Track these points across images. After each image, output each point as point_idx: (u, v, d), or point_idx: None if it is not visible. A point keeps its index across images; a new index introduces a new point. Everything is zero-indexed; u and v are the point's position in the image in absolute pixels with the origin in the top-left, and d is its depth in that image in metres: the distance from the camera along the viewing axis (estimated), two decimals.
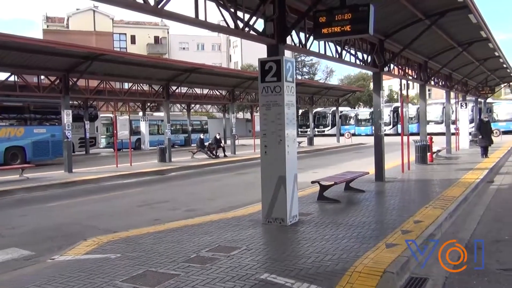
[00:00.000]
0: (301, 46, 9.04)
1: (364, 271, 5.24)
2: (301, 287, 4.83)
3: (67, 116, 18.17)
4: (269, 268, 5.48)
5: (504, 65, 24.09)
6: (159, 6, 6.08)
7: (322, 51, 10.36)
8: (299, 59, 77.22)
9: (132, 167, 20.21)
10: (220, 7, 7.24)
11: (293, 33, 8.85)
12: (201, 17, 6.73)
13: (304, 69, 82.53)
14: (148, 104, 36.24)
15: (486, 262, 6.02)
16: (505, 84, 36.54)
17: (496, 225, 8.22)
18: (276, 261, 5.75)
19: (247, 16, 7.77)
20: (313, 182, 10.18)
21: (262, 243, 6.76)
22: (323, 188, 9.99)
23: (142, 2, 5.88)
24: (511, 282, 5.29)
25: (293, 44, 8.95)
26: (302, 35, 9.21)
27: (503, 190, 12.07)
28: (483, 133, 19.59)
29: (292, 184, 7.81)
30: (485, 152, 19.39)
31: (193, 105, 41.23)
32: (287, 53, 10.70)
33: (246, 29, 7.64)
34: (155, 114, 42.05)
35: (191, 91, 31.40)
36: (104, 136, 37.55)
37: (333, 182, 9.99)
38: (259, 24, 8.20)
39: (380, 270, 5.26)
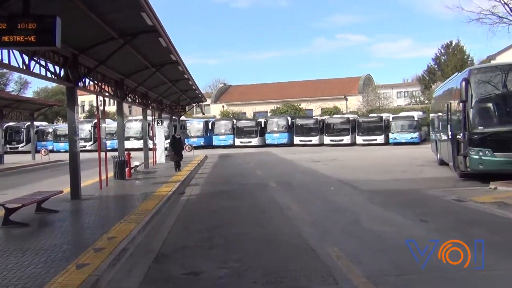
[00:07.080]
0: None
1: None
2: None
3: None
4: None
5: (193, 87, 26.79)
6: None
7: (6, 60, 9.40)
8: None
9: None
10: None
11: None
12: None
13: None
14: None
15: (171, 268, 6.49)
16: (195, 104, 40.66)
17: (183, 233, 8.98)
18: None
19: None
20: None
21: None
22: (9, 211, 9.00)
23: None
24: (194, 285, 5.83)
25: None
26: None
27: (191, 201, 13.29)
28: (175, 148, 21.38)
29: None
30: (178, 166, 21.06)
31: None
32: None
33: None
34: None
35: None
36: None
37: (20, 204, 9.11)
38: None
39: None
